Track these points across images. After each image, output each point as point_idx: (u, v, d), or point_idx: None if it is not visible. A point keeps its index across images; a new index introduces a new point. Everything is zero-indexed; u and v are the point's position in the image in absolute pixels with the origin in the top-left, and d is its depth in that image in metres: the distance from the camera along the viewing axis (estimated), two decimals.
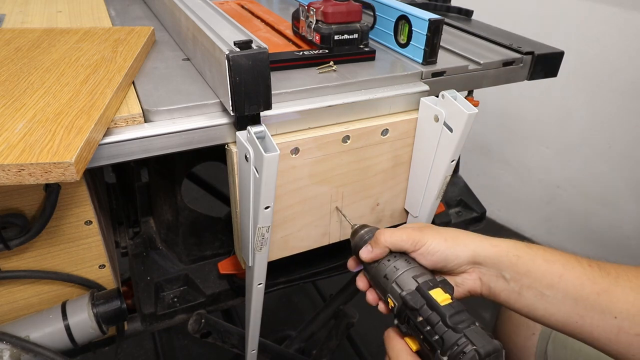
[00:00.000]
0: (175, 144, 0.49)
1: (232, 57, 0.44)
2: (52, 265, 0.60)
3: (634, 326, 0.46)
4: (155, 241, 0.79)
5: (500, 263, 0.50)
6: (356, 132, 0.57)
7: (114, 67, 0.52)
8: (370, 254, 0.54)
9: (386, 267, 0.53)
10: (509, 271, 0.50)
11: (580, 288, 0.48)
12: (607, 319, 0.47)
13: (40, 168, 0.37)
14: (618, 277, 0.48)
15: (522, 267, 0.49)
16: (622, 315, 0.46)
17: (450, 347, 0.44)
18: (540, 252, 0.50)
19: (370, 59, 0.63)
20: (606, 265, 0.49)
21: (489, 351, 0.43)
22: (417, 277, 0.50)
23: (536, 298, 0.49)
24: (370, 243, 0.55)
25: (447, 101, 0.56)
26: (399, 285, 0.51)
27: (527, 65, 0.70)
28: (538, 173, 1.74)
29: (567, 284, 0.48)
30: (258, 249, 0.53)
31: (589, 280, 0.48)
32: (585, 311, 0.48)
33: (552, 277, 0.49)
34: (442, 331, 0.45)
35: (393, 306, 0.51)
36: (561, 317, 0.49)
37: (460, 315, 0.45)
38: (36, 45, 0.58)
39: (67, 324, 0.58)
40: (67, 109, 0.43)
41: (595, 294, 0.47)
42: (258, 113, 0.49)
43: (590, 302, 0.47)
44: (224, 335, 0.69)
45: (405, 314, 0.48)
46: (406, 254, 0.53)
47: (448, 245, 0.51)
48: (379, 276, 0.53)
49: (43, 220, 0.53)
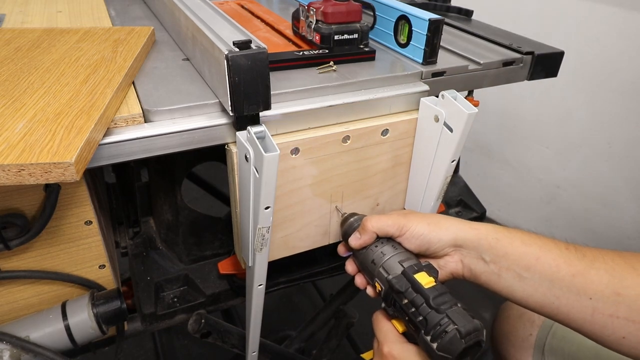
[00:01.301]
0: (175, 144, 0.49)
1: (231, 57, 0.44)
2: (52, 265, 0.60)
3: (608, 307, 0.47)
4: (155, 241, 0.79)
5: (480, 246, 0.52)
6: (356, 132, 0.57)
7: (114, 67, 0.52)
8: (359, 240, 0.56)
9: (373, 252, 0.55)
10: (488, 253, 0.52)
11: (556, 270, 0.49)
12: (582, 300, 0.48)
13: (40, 168, 0.37)
14: (594, 260, 0.49)
15: (501, 250, 0.51)
16: (597, 296, 0.48)
17: (433, 327, 0.46)
18: (519, 235, 0.52)
19: (370, 59, 0.63)
20: (584, 249, 0.51)
21: (469, 330, 0.45)
22: (402, 261, 0.53)
23: (514, 280, 0.51)
24: (358, 230, 0.57)
25: (447, 101, 0.56)
26: (386, 269, 0.53)
27: (527, 65, 0.70)
28: (538, 173, 1.74)
29: (544, 266, 0.50)
30: (258, 250, 0.53)
31: (565, 263, 0.49)
32: (561, 292, 0.49)
33: (529, 259, 0.50)
34: (425, 312, 0.47)
35: (380, 290, 0.53)
36: (539, 298, 0.50)
37: (443, 297, 0.47)
38: (36, 45, 0.58)
39: (67, 324, 0.58)
40: (67, 109, 0.43)
41: (570, 275, 0.49)
42: (257, 113, 0.49)
43: (565, 284, 0.49)
44: (224, 335, 0.69)
45: (392, 297, 0.51)
46: (393, 240, 0.56)
47: (431, 229, 0.54)
48: (367, 261, 0.56)
49: (43, 220, 0.53)
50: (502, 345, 0.84)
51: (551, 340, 0.78)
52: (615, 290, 0.47)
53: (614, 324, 0.47)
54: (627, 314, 0.47)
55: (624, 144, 1.46)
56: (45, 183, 0.37)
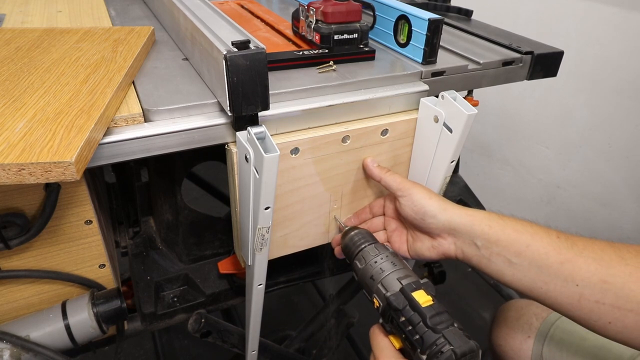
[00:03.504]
0: (175, 144, 0.49)
1: (230, 57, 0.44)
2: (52, 265, 0.60)
3: (594, 294, 0.49)
4: (155, 241, 0.79)
5: (473, 231, 0.54)
6: (356, 132, 0.57)
7: (114, 67, 0.52)
8: (374, 168, 0.60)
9: (372, 268, 0.55)
10: (480, 239, 0.53)
11: (545, 257, 0.51)
12: (569, 286, 0.50)
13: (41, 167, 0.37)
14: (584, 249, 0.51)
15: (493, 236, 0.53)
16: (584, 283, 0.49)
17: (429, 346, 0.46)
18: (511, 222, 0.54)
19: (370, 58, 0.63)
20: (575, 238, 0.52)
21: (464, 351, 0.45)
22: (401, 279, 0.52)
23: (504, 264, 0.53)
24: (376, 166, 0.60)
25: (447, 102, 0.56)
26: (384, 286, 0.53)
27: (527, 65, 0.70)
28: (538, 173, 1.74)
29: (534, 253, 0.51)
30: (258, 250, 0.53)
31: (554, 250, 0.51)
32: (549, 278, 0.51)
33: (519, 246, 0.52)
34: (422, 331, 0.47)
35: (378, 306, 0.53)
36: (527, 282, 0.52)
37: (441, 317, 0.47)
38: (36, 45, 0.58)
39: (67, 323, 0.58)
40: (67, 109, 0.43)
41: (558, 263, 0.50)
42: (256, 113, 0.49)
43: (553, 270, 0.50)
44: (223, 334, 0.70)
45: (389, 314, 0.50)
46: (393, 256, 0.56)
47: (431, 202, 0.56)
48: (366, 277, 0.55)
49: (43, 219, 0.54)
50: (501, 347, 0.84)
51: (549, 342, 0.78)
52: (602, 278, 0.48)
53: (600, 310, 0.49)
54: (613, 301, 0.48)
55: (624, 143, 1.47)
56: (45, 182, 0.38)
